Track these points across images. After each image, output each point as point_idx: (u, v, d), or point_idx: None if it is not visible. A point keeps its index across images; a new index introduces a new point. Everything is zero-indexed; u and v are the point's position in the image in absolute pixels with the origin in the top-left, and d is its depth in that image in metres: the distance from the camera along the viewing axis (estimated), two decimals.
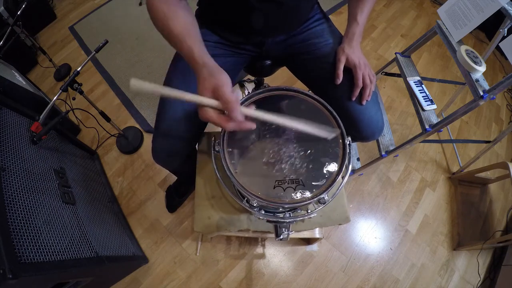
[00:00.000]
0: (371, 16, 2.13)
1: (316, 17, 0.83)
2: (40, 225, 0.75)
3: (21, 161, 0.82)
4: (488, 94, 0.86)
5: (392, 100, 1.72)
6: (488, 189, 1.50)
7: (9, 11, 1.62)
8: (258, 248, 1.26)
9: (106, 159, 1.48)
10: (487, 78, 0.92)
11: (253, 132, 0.67)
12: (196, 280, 1.19)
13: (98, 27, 2.03)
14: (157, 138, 0.76)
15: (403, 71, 1.16)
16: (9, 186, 0.73)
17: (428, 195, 1.45)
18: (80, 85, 1.06)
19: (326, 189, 0.60)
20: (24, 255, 0.64)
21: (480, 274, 1.28)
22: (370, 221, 1.37)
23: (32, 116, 0.98)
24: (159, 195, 1.37)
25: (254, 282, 1.20)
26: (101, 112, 1.27)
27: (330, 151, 0.65)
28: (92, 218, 1.02)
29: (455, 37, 1.01)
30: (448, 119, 0.96)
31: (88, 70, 1.79)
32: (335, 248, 1.28)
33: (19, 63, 1.45)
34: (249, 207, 0.63)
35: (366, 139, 0.80)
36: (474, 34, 2.15)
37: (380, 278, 1.24)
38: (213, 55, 0.78)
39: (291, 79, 1.28)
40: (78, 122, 1.50)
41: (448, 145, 1.61)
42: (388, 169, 1.50)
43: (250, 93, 0.72)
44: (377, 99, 0.79)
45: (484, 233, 1.36)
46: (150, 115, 1.59)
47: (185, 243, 1.26)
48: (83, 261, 0.83)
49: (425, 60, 1.93)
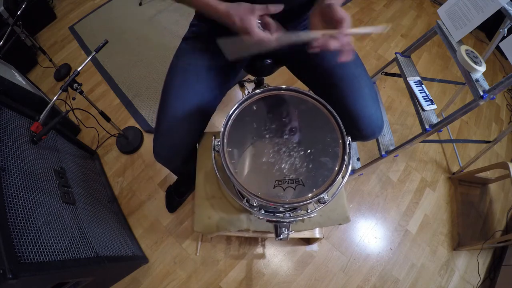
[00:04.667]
0: (371, 16, 2.14)
1: None
2: (40, 225, 0.74)
3: (21, 161, 0.82)
4: (488, 94, 0.86)
5: (392, 100, 1.72)
6: (488, 189, 1.50)
7: (9, 11, 1.62)
8: (258, 248, 1.26)
9: (106, 159, 1.48)
10: (487, 78, 0.92)
11: (253, 132, 0.67)
12: (196, 280, 1.19)
13: (98, 27, 2.03)
14: (158, 138, 0.77)
15: (403, 71, 1.16)
16: (9, 186, 0.73)
17: (428, 195, 1.45)
18: (80, 85, 1.06)
19: (326, 189, 0.60)
20: (24, 255, 0.64)
21: (480, 274, 1.28)
22: (370, 221, 1.37)
23: (32, 116, 0.98)
24: (159, 195, 1.37)
25: (254, 282, 1.20)
26: (101, 112, 1.27)
27: (330, 151, 0.65)
28: (92, 218, 1.02)
29: (455, 37, 1.01)
30: (448, 119, 0.96)
31: (88, 70, 1.79)
32: (335, 248, 1.28)
33: (19, 63, 1.45)
34: (249, 207, 0.63)
35: (366, 138, 0.80)
36: (474, 34, 2.15)
37: (380, 278, 1.24)
38: (213, 54, 0.78)
39: (291, 79, 1.28)
40: (78, 122, 1.50)
41: (448, 145, 1.61)
42: (388, 169, 1.50)
43: (250, 93, 0.72)
44: (377, 98, 0.79)
45: (484, 233, 1.36)
46: (150, 115, 1.59)
47: (185, 243, 1.26)
48: (83, 261, 0.83)
49: (425, 60, 1.93)
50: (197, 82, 0.75)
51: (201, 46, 0.79)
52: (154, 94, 1.66)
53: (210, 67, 0.77)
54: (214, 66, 0.78)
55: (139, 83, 1.71)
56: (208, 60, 0.78)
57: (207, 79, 0.77)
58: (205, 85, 0.76)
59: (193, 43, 0.80)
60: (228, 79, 0.84)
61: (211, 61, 0.78)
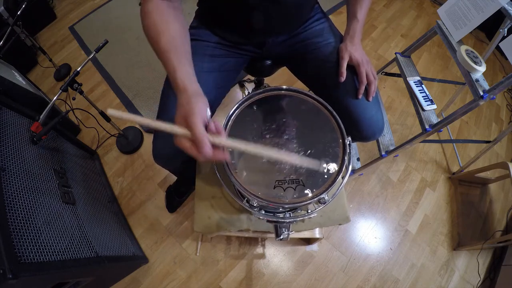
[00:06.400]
0: (371, 16, 2.14)
1: (316, 16, 0.84)
2: (40, 225, 0.75)
3: (21, 161, 0.82)
4: (488, 94, 0.86)
5: (392, 100, 1.72)
6: (488, 189, 1.50)
7: (9, 11, 1.62)
8: (258, 248, 1.26)
9: (106, 159, 1.48)
10: (487, 78, 0.92)
11: (253, 132, 0.67)
12: (196, 280, 1.19)
13: (98, 27, 2.03)
14: (158, 139, 0.77)
15: (403, 71, 1.16)
16: (9, 186, 0.73)
17: (428, 195, 1.45)
18: (80, 85, 1.06)
19: (326, 189, 0.60)
20: (24, 255, 0.64)
21: (480, 274, 1.28)
22: (370, 221, 1.37)
23: (32, 116, 0.98)
24: (159, 195, 1.37)
25: (254, 282, 1.20)
26: (101, 112, 1.27)
27: (330, 151, 0.65)
28: (92, 218, 1.02)
29: (455, 37, 1.01)
30: (448, 119, 0.95)
31: (88, 70, 1.79)
32: (335, 248, 1.28)
33: (19, 63, 1.45)
34: (249, 207, 0.63)
35: (367, 139, 0.80)
36: (474, 34, 2.15)
37: (380, 278, 1.24)
38: (213, 56, 0.79)
39: (291, 79, 1.28)
40: (78, 122, 1.50)
41: (448, 145, 1.61)
42: (388, 169, 1.50)
43: (250, 93, 0.72)
44: (378, 99, 0.79)
45: (484, 233, 1.36)
46: (150, 115, 1.59)
47: (185, 243, 1.26)
48: (83, 261, 0.83)
49: (425, 60, 1.93)
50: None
51: (201, 48, 0.79)
52: (154, 94, 1.66)
53: (210, 68, 0.77)
54: (214, 68, 0.78)
55: (139, 83, 1.71)
56: (208, 61, 0.78)
57: (207, 80, 0.76)
58: (205, 86, 0.76)
59: (193, 45, 0.80)
60: (228, 80, 0.84)
61: (211, 63, 0.78)
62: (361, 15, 0.76)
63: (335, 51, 0.78)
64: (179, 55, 0.55)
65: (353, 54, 0.74)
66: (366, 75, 0.73)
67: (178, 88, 0.51)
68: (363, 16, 0.77)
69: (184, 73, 0.53)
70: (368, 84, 0.74)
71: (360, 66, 0.73)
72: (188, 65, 0.56)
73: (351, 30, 0.77)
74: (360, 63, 0.73)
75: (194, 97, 0.49)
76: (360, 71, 0.73)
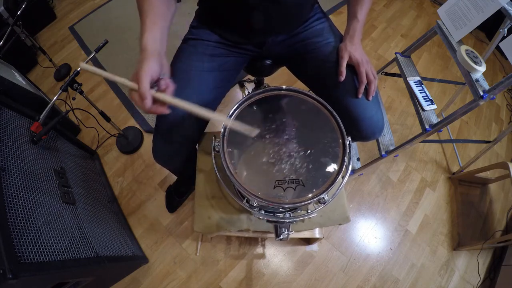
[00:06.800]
0: (371, 16, 2.14)
1: (316, 16, 0.84)
2: (40, 225, 0.74)
3: (21, 161, 0.82)
4: (488, 94, 0.86)
5: (392, 100, 1.72)
6: (488, 189, 1.50)
7: (9, 11, 1.62)
8: (258, 248, 1.26)
9: (106, 159, 1.48)
10: (487, 78, 0.92)
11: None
12: (196, 280, 1.19)
13: (98, 27, 2.03)
14: (158, 138, 0.77)
15: (403, 71, 1.16)
16: (9, 186, 0.73)
17: (428, 195, 1.45)
18: (80, 85, 1.06)
19: (326, 189, 0.60)
20: (24, 255, 0.64)
21: (480, 274, 1.28)
22: (370, 221, 1.37)
23: (32, 116, 0.98)
24: (159, 195, 1.37)
25: (254, 282, 1.20)
26: (101, 112, 1.27)
27: (330, 151, 0.65)
28: (92, 218, 1.02)
29: (455, 37, 1.01)
30: (448, 119, 0.96)
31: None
32: (335, 248, 1.28)
33: (19, 63, 1.45)
34: (249, 207, 0.63)
35: (367, 138, 0.80)
36: (474, 34, 2.15)
37: (380, 278, 1.24)
38: (213, 55, 0.79)
39: (291, 79, 1.28)
40: (78, 122, 1.50)
41: (448, 145, 1.61)
42: (388, 169, 1.50)
43: (250, 93, 0.72)
44: (378, 99, 0.79)
45: (484, 233, 1.36)
46: (150, 115, 1.59)
47: (185, 243, 1.26)
48: (83, 261, 0.83)
49: (425, 60, 1.93)
50: (197, 82, 0.75)
51: (201, 47, 0.79)
52: None
53: (210, 68, 0.77)
54: (214, 67, 0.78)
55: None
56: (208, 61, 0.78)
57: (207, 79, 0.77)
58: (205, 85, 0.76)
59: (193, 44, 0.80)
60: (228, 80, 0.84)
61: (211, 62, 0.78)
62: (362, 15, 0.76)
63: (335, 51, 0.78)
64: (155, 16, 0.60)
65: (352, 54, 0.74)
66: (366, 74, 0.73)
67: (140, 46, 0.57)
68: (364, 17, 0.77)
69: (151, 34, 0.58)
70: (368, 84, 0.74)
71: (360, 66, 0.73)
72: (161, 30, 0.60)
73: (351, 29, 0.77)
74: (360, 62, 0.73)
75: (149, 56, 0.54)
76: (360, 70, 0.73)
